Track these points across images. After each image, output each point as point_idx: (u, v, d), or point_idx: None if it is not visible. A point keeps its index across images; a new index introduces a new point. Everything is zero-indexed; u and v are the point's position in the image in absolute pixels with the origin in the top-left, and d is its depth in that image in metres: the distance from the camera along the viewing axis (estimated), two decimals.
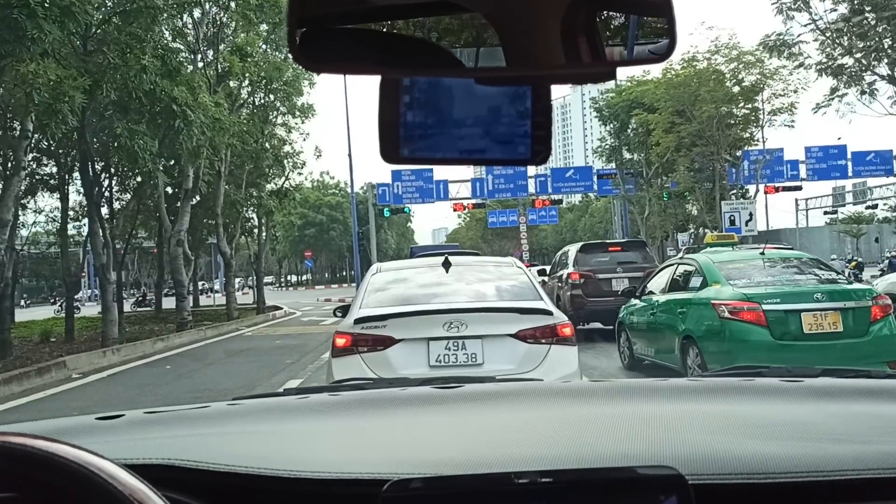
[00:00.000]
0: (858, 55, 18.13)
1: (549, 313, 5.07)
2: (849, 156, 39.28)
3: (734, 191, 30.99)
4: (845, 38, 18.14)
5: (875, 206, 55.44)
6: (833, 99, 20.23)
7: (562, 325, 5.01)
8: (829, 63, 18.85)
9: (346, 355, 4.90)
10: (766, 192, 37.82)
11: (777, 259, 7.96)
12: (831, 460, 1.06)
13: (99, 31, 13.71)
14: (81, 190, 17.59)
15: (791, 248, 11.91)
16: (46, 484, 0.75)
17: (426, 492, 0.97)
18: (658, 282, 9.20)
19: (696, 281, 7.92)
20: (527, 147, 0.84)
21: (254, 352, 15.07)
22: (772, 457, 1.06)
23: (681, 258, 8.84)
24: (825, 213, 61.31)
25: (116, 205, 26.50)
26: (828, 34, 18.47)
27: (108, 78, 12.90)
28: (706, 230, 30.04)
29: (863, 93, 19.32)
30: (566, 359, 4.92)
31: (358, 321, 4.99)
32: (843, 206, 59.56)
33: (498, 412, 1.45)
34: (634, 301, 9.72)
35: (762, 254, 7.97)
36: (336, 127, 48.00)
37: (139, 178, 18.97)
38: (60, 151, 18.12)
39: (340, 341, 5.00)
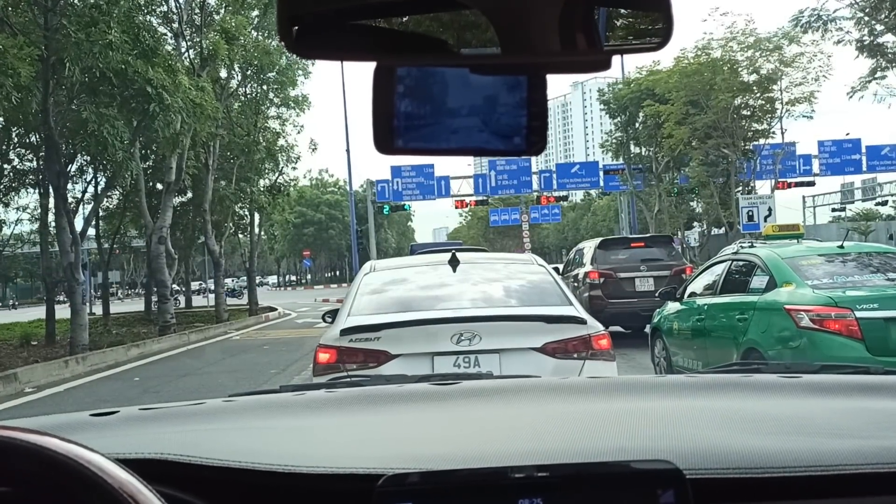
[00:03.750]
0: None
1: (583, 322, 4.24)
2: (863, 150, 38.18)
3: (739, 187, 29.68)
4: (884, 13, 16.83)
5: (885, 203, 54.59)
6: (870, 81, 18.92)
7: (598, 335, 4.22)
8: (871, 39, 17.48)
9: (331, 373, 4.02)
10: (776, 188, 36.74)
11: (860, 254, 6.52)
12: (830, 455, 1.05)
13: (62, 1, 12.32)
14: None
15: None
16: (37, 477, 0.76)
17: (422, 486, 0.96)
18: (704, 282, 7.79)
19: (759, 281, 6.48)
20: (522, 138, 0.84)
21: (236, 360, 13.83)
22: (770, 451, 1.06)
23: (735, 253, 7.42)
24: (833, 209, 60.24)
25: (106, 202, 25.55)
26: (866, 10, 17.14)
27: (68, 55, 11.51)
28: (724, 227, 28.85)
29: None
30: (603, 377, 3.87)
31: (345, 332, 4.15)
32: (852, 202, 58.51)
33: (495, 408, 1.46)
34: (672, 304, 8.33)
35: (841, 247, 6.54)
36: (334, 121, 47.23)
37: (111, 169, 17.62)
38: (42, 145, 16.99)
39: (323, 356, 4.17)
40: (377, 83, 0.81)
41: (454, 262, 4.76)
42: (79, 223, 18.24)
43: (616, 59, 0.83)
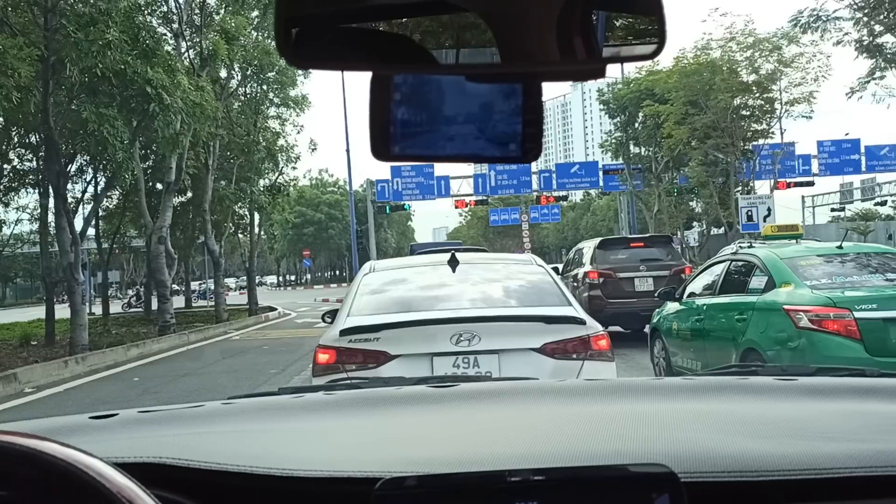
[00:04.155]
0: None
1: (581, 322, 4.23)
2: (862, 150, 38.19)
3: (738, 187, 29.67)
4: (884, 14, 16.84)
5: (884, 203, 54.47)
6: (869, 81, 18.91)
7: (597, 336, 4.22)
8: (870, 40, 17.48)
9: (330, 374, 4.02)
10: (775, 188, 36.71)
11: (859, 254, 6.52)
12: (825, 458, 1.05)
13: (62, 2, 12.33)
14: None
15: None
16: (35, 482, 0.75)
17: (419, 489, 0.96)
18: (703, 282, 7.79)
19: (758, 281, 6.49)
20: (517, 144, 0.84)
21: (236, 360, 13.78)
22: (765, 455, 1.06)
23: (734, 253, 7.43)
24: (832, 210, 60.15)
25: (106, 202, 25.54)
26: (865, 10, 17.14)
27: (68, 55, 11.52)
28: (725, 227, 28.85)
29: None
30: (602, 377, 3.91)
31: (345, 332, 4.15)
32: (851, 202, 58.43)
33: (492, 410, 1.46)
34: (671, 304, 8.33)
35: (840, 247, 6.54)
36: (334, 121, 47.12)
37: (111, 169, 17.61)
38: (41, 145, 16.99)
39: (323, 357, 4.17)
40: (374, 91, 0.82)
41: (453, 263, 4.75)
42: (78, 223, 18.26)
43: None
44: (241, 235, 32.47)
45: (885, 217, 54.75)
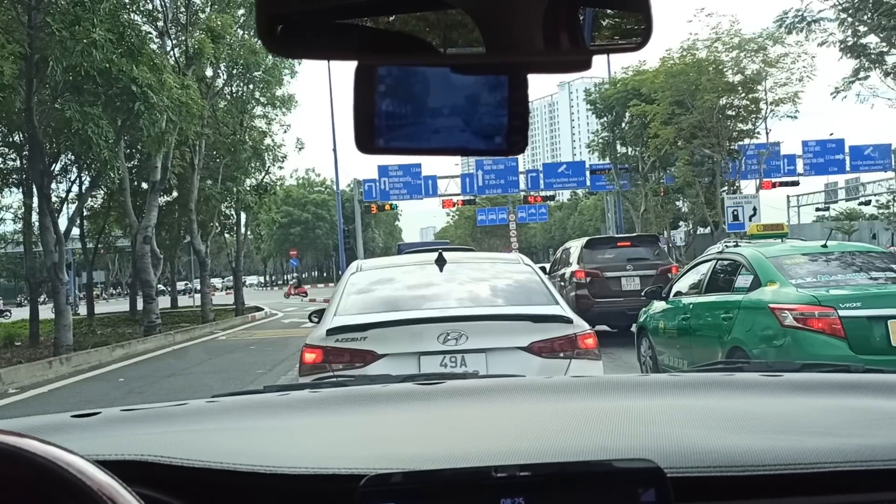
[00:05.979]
0: (883, 34, 16.99)
1: (569, 321, 4.24)
2: (846, 150, 38.53)
3: (724, 187, 29.83)
4: (867, 14, 16.99)
5: (868, 203, 54.92)
6: (854, 81, 19.08)
7: (584, 334, 4.23)
8: (854, 40, 17.64)
9: (317, 373, 4.02)
10: (760, 188, 36.95)
11: (844, 253, 6.57)
12: (810, 453, 1.06)
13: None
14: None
15: None
16: (15, 479, 0.75)
17: (405, 486, 0.96)
18: (689, 281, 7.82)
19: (743, 280, 6.52)
20: (503, 137, 0.84)
21: (222, 360, 13.74)
22: (751, 450, 1.07)
23: (720, 252, 7.46)
24: (817, 209, 60.58)
25: (90, 202, 25.38)
26: (849, 11, 17.29)
27: (52, 53, 11.41)
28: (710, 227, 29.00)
29: (886, 74, 18.15)
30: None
31: (332, 331, 4.14)
32: (836, 202, 58.88)
33: (479, 407, 1.46)
34: (658, 303, 8.36)
35: (825, 246, 6.59)
36: (321, 120, 47.04)
37: (96, 168, 17.46)
38: (25, 144, 16.86)
39: (310, 356, 4.17)
40: (358, 82, 0.81)
41: (441, 262, 4.75)
42: (63, 223, 18.10)
43: (600, 59, 0.85)
44: (227, 235, 32.33)
45: (869, 216, 55.20)
